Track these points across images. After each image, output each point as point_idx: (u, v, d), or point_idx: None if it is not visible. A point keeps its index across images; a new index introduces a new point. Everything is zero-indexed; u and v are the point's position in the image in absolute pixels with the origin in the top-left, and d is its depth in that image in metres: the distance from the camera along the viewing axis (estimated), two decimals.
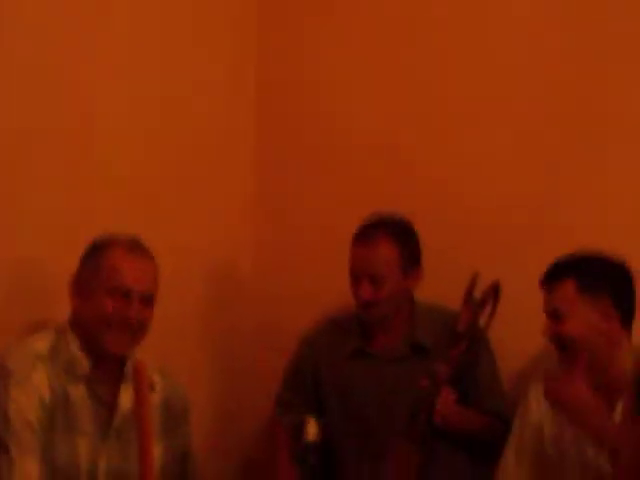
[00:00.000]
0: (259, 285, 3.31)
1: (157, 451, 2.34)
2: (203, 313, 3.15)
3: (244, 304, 3.32)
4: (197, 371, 3.09)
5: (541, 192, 2.85)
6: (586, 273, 2.47)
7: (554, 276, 2.48)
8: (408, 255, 2.77)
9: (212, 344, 3.21)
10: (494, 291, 2.61)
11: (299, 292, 3.23)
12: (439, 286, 2.86)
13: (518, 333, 2.81)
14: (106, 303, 2.29)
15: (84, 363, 2.30)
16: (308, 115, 3.24)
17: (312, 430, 2.46)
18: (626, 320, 2.48)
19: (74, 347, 2.30)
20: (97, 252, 2.34)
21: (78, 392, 2.29)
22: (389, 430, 2.70)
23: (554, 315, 2.46)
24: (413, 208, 2.88)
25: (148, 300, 2.35)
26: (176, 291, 2.74)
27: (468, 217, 2.94)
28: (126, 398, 2.31)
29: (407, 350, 2.81)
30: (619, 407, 2.32)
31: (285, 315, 3.26)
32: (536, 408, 2.56)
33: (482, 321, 2.65)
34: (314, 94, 3.23)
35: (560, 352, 2.48)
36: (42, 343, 2.30)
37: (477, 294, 2.63)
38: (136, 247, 2.36)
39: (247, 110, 3.27)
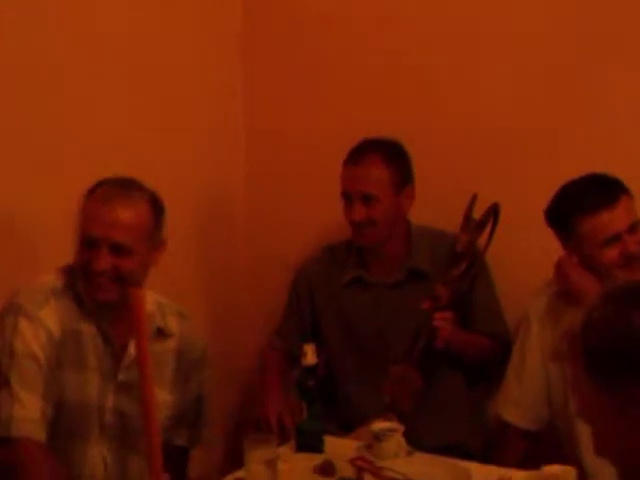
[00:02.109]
0: (251, 216, 3.29)
1: (170, 398, 2.34)
2: (196, 245, 3.13)
3: (237, 236, 3.30)
4: (191, 305, 3.05)
5: (542, 113, 2.82)
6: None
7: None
8: (400, 174, 2.75)
9: (205, 277, 3.20)
10: (493, 213, 2.59)
11: (292, 222, 3.22)
12: (438, 208, 2.85)
13: (517, 255, 2.81)
14: (81, 252, 2.24)
15: (89, 301, 2.25)
16: (303, 36, 3.17)
17: (310, 354, 2.46)
18: None
19: (80, 285, 2.26)
20: (84, 199, 2.26)
21: (90, 329, 2.26)
22: (388, 355, 2.71)
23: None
24: (411, 129, 2.85)
25: (120, 250, 2.19)
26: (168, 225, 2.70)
27: (467, 138, 2.91)
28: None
29: (404, 275, 2.80)
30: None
31: (278, 246, 3.25)
32: (537, 331, 2.55)
33: (481, 243, 2.64)
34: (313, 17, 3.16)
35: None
36: (57, 279, 2.27)
37: (476, 216, 2.61)
38: (115, 194, 2.21)
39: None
